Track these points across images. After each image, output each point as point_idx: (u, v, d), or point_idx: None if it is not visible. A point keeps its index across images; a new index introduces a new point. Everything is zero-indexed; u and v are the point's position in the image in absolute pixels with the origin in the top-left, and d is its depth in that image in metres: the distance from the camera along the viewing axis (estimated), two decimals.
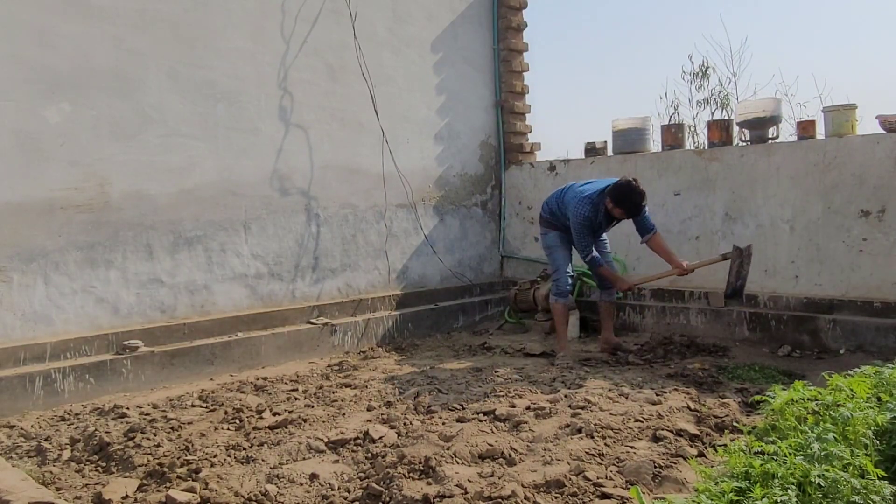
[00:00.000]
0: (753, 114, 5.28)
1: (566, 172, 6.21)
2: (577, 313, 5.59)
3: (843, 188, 4.80)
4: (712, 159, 5.39)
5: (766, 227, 5.14)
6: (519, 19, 6.75)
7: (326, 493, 2.66)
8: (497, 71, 6.69)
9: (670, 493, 2.52)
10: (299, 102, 5.24)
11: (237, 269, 4.91)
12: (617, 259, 5.87)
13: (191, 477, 2.79)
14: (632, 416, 3.34)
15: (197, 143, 4.69)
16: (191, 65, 4.65)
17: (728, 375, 4.24)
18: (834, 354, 4.63)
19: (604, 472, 2.71)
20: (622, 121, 5.99)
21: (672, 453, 2.89)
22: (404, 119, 5.92)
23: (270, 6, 5.07)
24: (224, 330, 4.73)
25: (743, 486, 2.09)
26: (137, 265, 4.44)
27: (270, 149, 5.08)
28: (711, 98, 9.53)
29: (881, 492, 1.99)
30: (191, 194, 4.67)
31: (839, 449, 2.15)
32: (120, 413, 3.63)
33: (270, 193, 5.08)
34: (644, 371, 4.37)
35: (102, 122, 4.28)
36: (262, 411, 3.65)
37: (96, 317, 4.28)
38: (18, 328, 3.98)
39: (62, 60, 4.12)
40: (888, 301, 4.59)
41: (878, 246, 4.68)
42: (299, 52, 5.23)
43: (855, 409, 2.45)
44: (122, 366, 4.14)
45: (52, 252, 4.10)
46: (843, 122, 4.90)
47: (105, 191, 4.30)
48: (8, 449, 3.21)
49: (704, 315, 5.33)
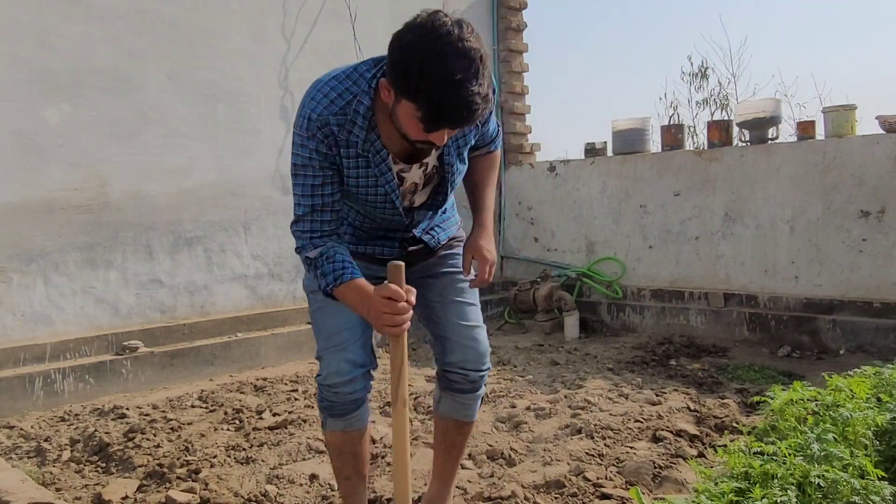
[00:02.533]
0: (753, 114, 5.28)
1: (566, 173, 6.21)
2: (577, 314, 5.59)
3: (842, 189, 4.80)
4: (712, 160, 5.39)
5: (765, 228, 5.14)
6: (519, 20, 6.75)
7: (326, 494, 2.65)
8: (497, 71, 6.68)
9: (670, 494, 2.52)
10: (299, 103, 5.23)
11: (237, 269, 4.91)
12: (616, 259, 5.88)
13: (191, 477, 2.79)
14: (632, 416, 3.34)
15: (197, 144, 4.69)
16: (191, 65, 4.65)
17: (728, 376, 4.24)
18: (834, 355, 4.63)
19: (604, 473, 2.71)
20: (622, 121, 5.99)
21: (672, 454, 2.90)
22: None
23: (270, 6, 5.07)
24: (224, 330, 4.73)
25: (743, 486, 2.09)
26: (137, 266, 4.44)
27: (271, 149, 5.08)
28: (711, 98, 9.55)
29: (881, 492, 1.99)
30: (191, 195, 4.67)
31: (839, 449, 2.15)
32: (120, 413, 3.63)
33: (270, 194, 5.07)
34: (644, 371, 4.37)
35: (102, 122, 4.28)
36: (261, 412, 3.65)
37: (96, 317, 4.28)
38: (18, 329, 3.98)
39: (62, 61, 4.12)
40: (888, 301, 4.59)
41: (877, 246, 4.68)
42: (299, 52, 5.23)
43: (855, 409, 2.46)
44: (121, 366, 4.14)
45: (52, 252, 4.10)
46: (843, 122, 4.90)
47: (105, 191, 4.30)
48: (8, 449, 3.21)
49: (704, 315, 5.33)
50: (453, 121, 1.56)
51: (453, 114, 1.54)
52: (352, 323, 1.97)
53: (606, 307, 5.83)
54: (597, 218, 6.01)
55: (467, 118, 1.56)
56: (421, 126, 1.59)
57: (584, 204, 6.08)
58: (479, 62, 1.53)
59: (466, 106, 1.53)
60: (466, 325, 2.12)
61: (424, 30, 1.55)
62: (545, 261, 6.30)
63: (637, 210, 5.76)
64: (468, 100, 1.52)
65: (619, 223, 5.88)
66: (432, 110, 1.54)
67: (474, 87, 1.52)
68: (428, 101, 1.53)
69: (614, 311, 5.80)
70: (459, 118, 1.55)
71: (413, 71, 1.53)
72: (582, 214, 6.10)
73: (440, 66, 1.50)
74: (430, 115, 1.55)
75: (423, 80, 1.52)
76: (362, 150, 1.78)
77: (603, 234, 5.99)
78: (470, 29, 1.57)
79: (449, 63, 1.50)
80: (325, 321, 2.04)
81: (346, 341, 1.97)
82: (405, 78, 1.55)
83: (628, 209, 5.82)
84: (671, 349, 4.93)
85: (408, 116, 1.60)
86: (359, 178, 1.83)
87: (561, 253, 6.26)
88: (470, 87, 1.51)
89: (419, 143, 1.68)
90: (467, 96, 1.52)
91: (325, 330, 2.03)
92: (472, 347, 2.12)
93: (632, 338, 5.42)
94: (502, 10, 6.63)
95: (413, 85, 1.53)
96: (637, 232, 5.78)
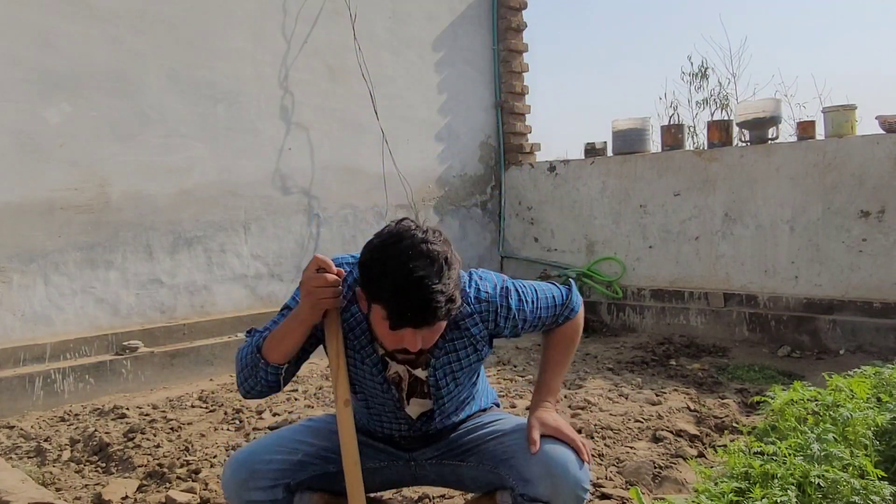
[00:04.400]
0: (753, 114, 5.28)
1: (566, 173, 6.21)
2: None
3: (842, 189, 4.80)
4: (712, 160, 5.39)
5: (765, 228, 5.14)
6: (519, 20, 6.75)
7: None
8: (497, 71, 6.68)
9: (670, 494, 2.52)
10: (299, 103, 5.24)
11: (237, 269, 4.91)
12: (616, 259, 5.88)
13: (191, 477, 2.79)
14: (632, 416, 3.34)
15: (197, 144, 4.69)
16: (191, 65, 4.65)
17: (728, 376, 4.24)
18: (834, 355, 4.63)
19: (604, 473, 2.71)
20: (622, 121, 5.99)
21: (672, 454, 2.90)
22: (404, 119, 5.92)
23: (270, 6, 5.07)
24: (224, 330, 4.73)
25: (743, 486, 2.09)
26: (137, 266, 4.44)
27: (270, 149, 5.08)
28: (711, 98, 9.56)
29: (881, 492, 1.99)
30: (190, 195, 4.67)
31: (839, 449, 2.15)
32: (120, 413, 3.63)
33: (270, 194, 5.08)
34: (644, 371, 4.37)
35: (102, 122, 4.28)
36: (261, 412, 3.65)
37: (96, 317, 4.28)
38: (18, 328, 3.98)
39: (62, 61, 4.12)
40: (888, 301, 4.59)
41: (877, 246, 4.68)
42: (299, 52, 5.23)
43: (855, 409, 2.46)
44: (121, 366, 4.14)
45: (52, 252, 4.10)
46: (843, 122, 4.90)
47: (105, 191, 4.30)
48: (8, 449, 3.21)
49: (704, 315, 5.32)
50: (415, 318, 1.56)
51: (414, 310, 1.55)
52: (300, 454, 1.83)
53: (606, 307, 5.83)
54: (597, 218, 6.01)
55: (428, 316, 1.56)
56: (389, 327, 1.59)
57: (584, 204, 6.08)
58: (442, 263, 1.57)
59: (426, 303, 1.54)
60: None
61: (391, 235, 1.62)
62: (545, 261, 6.31)
63: (637, 210, 5.76)
64: (428, 297, 1.54)
65: (619, 223, 5.88)
66: (393, 306, 1.56)
67: (436, 286, 1.55)
68: (390, 297, 1.56)
69: (614, 311, 5.80)
70: (421, 315, 1.56)
71: (376, 271, 1.59)
72: (582, 214, 6.10)
73: (401, 265, 1.55)
74: (392, 312, 1.57)
75: (385, 277, 1.57)
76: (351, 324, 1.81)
77: (603, 234, 5.99)
78: (438, 234, 1.63)
79: (410, 262, 1.55)
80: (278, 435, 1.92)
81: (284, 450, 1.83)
82: (369, 278, 1.62)
83: (628, 209, 5.82)
84: (671, 349, 4.93)
85: (378, 321, 1.63)
86: (347, 348, 1.82)
87: (561, 253, 6.26)
88: (431, 285, 1.54)
89: (396, 352, 1.69)
90: (427, 294, 1.54)
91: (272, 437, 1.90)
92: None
93: (632, 338, 5.42)
94: (502, 10, 6.63)
95: (376, 283, 1.59)
96: (637, 232, 5.78)
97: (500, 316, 1.86)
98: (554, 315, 1.96)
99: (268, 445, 1.83)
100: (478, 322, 1.84)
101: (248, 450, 1.82)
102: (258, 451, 1.80)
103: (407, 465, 1.97)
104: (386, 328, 1.60)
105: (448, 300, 1.57)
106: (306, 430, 1.91)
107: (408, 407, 1.90)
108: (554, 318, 1.97)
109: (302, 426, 1.95)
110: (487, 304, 1.85)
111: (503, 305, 1.86)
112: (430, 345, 1.67)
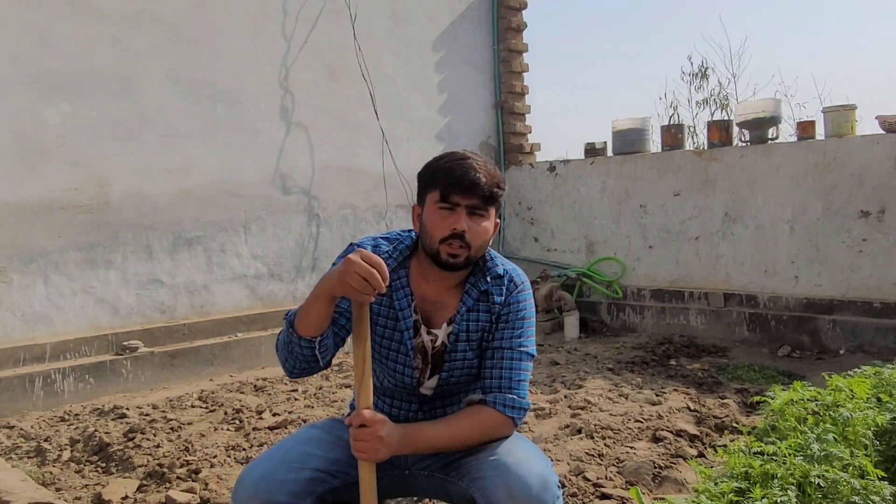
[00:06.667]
0: (753, 114, 5.28)
1: (566, 173, 6.21)
2: (577, 313, 5.60)
3: (842, 189, 4.80)
4: (712, 160, 5.39)
5: (765, 228, 5.14)
6: (519, 20, 6.75)
7: None
8: (497, 71, 6.68)
9: (670, 494, 2.52)
10: (299, 103, 5.24)
11: (237, 269, 4.91)
12: (616, 259, 5.88)
13: (190, 477, 2.79)
14: (632, 416, 3.34)
15: (197, 144, 4.69)
16: (191, 65, 4.65)
17: (728, 376, 4.24)
18: (834, 355, 4.63)
19: (604, 473, 2.71)
20: (622, 121, 6.00)
21: (672, 454, 2.90)
22: (404, 119, 5.92)
23: (270, 6, 5.07)
24: (224, 330, 4.73)
25: (743, 486, 2.09)
26: (137, 266, 4.44)
27: (270, 149, 5.08)
28: (711, 98, 9.55)
29: (881, 492, 1.99)
30: (190, 195, 4.67)
31: (839, 449, 2.15)
32: (120, 413, 3.63)
33: (270, 194, 5.08)
34: (644, 371, 4.37)
35: (102, 122, 4.28)
36: (261, 412, 3.65)
37: (96, 317, 4.28)
38: (18, 328, 3.98)
39: (62, 61, 4.12)
40: (888, 301, 4.59)
41: (877, 246, 4.68)
42: (299, 52, 5.23)
43: (855, 409, 2.46)
44: (121, 366, 4.14)
45: (52, 252, 4.10)
46: (843, 122, 4.91)
47: (105, 191, 4.30)
48: (8, 449, 3.21)
49: (704, 315, 5.33)
50: (464, 181, 1.72)
51: (464, 173, 1.72)
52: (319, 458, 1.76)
53: (606, 307, 5.83)
54: (597, 218, 6.01)
55: (477, 181, 1.73)
56: (440, 210, 1.73)
57: (584, 204, 6.08)
58: (493, 164, 1.81)
59: (474, 170, 1.73)
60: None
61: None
62: (545, 261, 6.31)
63: (637, 210, 5.77)
64: (476, 166, 1.74)
65: (619, 223, 5.89)
66: (445, 172, 1.74)
67: (484, 164, 1.77)
68: (443, 168, 1.75)
69: (614, 311, 5.80)
70: (470, 179, 1.72)
71: (432, 162, 1.81)
72: (582, 214, 6.10)
73: (454, 154, 1.80)
74: (443, 179, 1.73)
75: (439, 160, 1.79)
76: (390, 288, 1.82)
77: (603, 234, 5.99)
78: (490, 160, 1.87)
79: (460, 153, 1.80)
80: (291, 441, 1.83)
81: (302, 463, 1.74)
82: (425, 170, 1.82)
83: (628, 209, 5.82)
84: (671, 349, 4.93)
85: (432, 211, 1.76)
86: (379, 317, 1.84)
87: (561, 253, 6.26)
88: (478, 162, 1.76)
89: (444, 240, 1.74)
90: (476, 163, 1.75)
91: (285, 447, 1.80)
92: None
93: (632, 338, 5.42)
94: (502, 10, 6.63)
95: (431, 168, 1.80)
96: (637, 232, 5.78)
97: (508, 292, 1.85)
98: (509, 371, 1.80)
99: (278, 462, 1.75)
100: (501, 292, 1.86)
101: (258, 469, 1.74)
102: (269, 471, 1.73)
103: (402, 476, 1.96)
104: (438, 215, 1.74)
105: (494, 178, 1.76)
106: (314, 442, 1.84)
107: (424, 385, 1.89)
108: (506, 379, 1.80)
109: (308, 437, 1.87)
110: (508, 276, 1.87)
111: (513, 291, 1.85)
112: (475, 239, 1.75)
